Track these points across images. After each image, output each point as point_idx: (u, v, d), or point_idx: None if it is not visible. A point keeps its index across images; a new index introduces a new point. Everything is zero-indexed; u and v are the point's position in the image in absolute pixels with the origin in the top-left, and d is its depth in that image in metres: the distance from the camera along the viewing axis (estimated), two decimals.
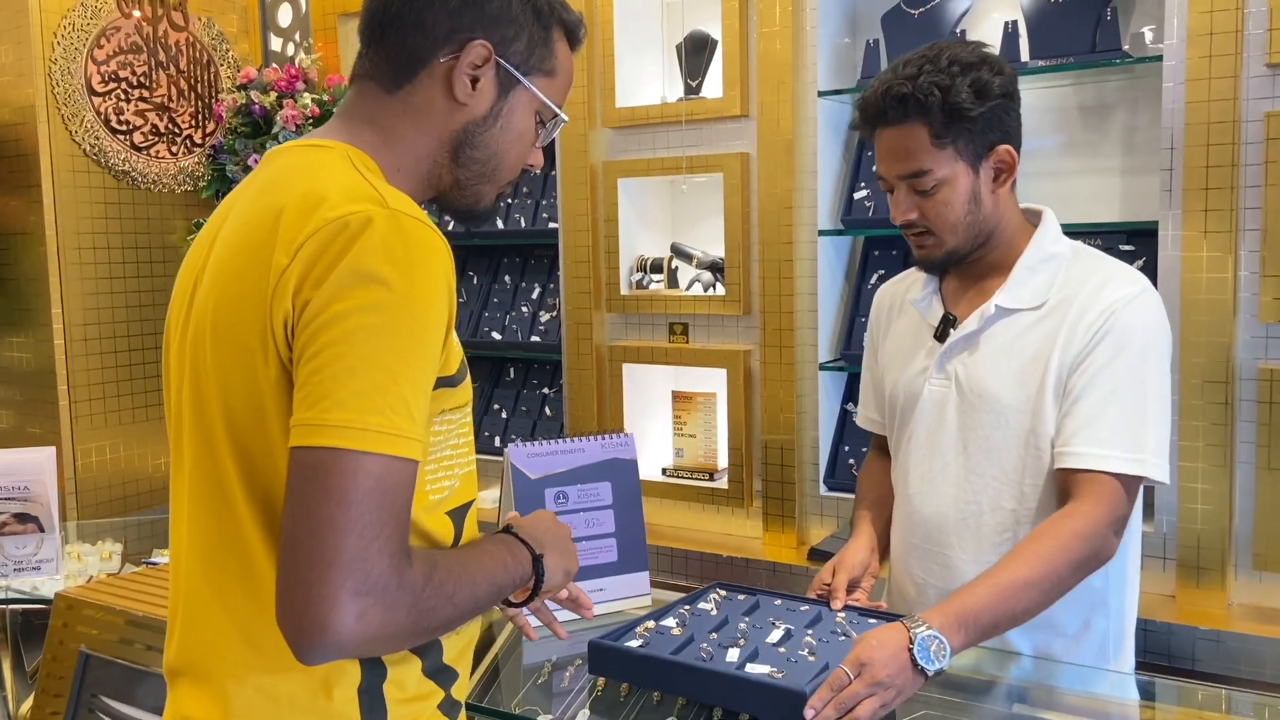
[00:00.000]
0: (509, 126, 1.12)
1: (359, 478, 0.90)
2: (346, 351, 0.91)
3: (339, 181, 1.00)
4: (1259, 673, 2.02)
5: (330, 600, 0.88)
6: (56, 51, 3.07)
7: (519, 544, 1.14)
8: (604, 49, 2.82)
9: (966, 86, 1.43)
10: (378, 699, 1.04)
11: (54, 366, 3.09)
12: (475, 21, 1.08)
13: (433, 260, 0.96)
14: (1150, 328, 1.46)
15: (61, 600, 1.93)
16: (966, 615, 1.32)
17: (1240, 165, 2.07)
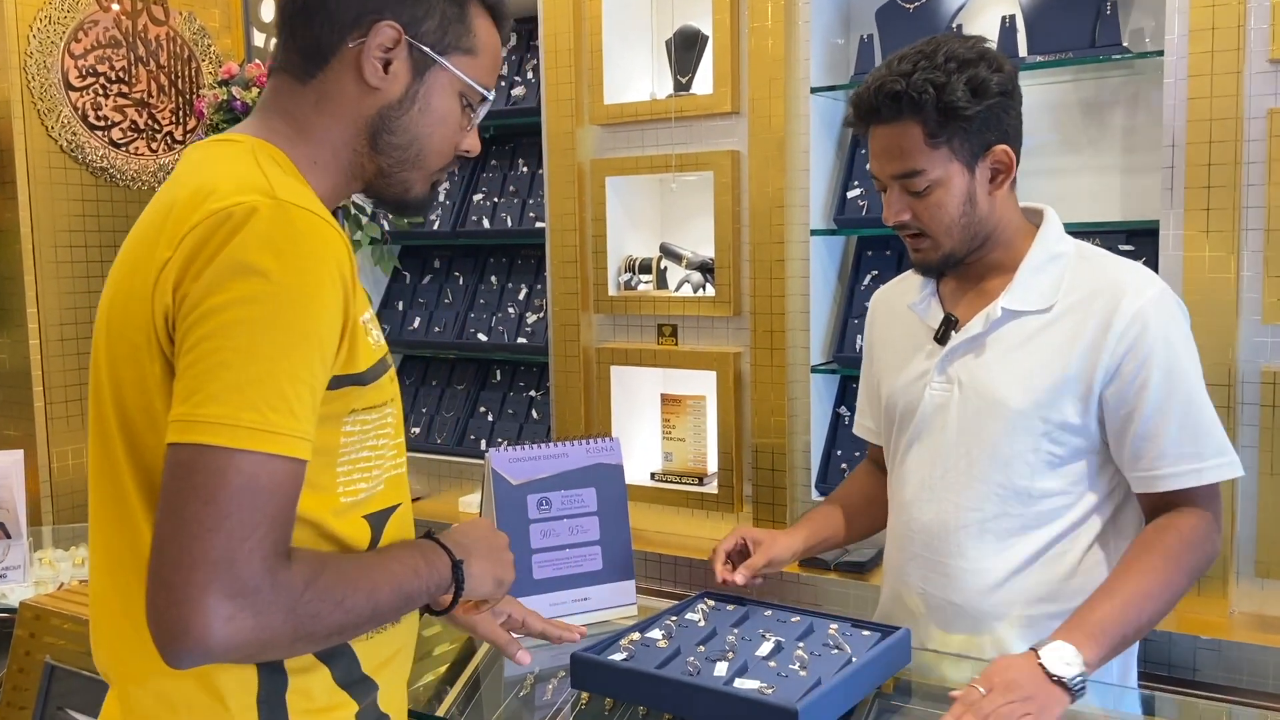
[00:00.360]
0: (428, 109, 1.10)
1: (228, 475, 0.87)
2: (222, 345, 0.88)
3: (232, 174, 0.98)
4: (1261, 683, 1.97)
5: (195, 602, 0.86)
6: (32, 45, 3.00)
7: (437, 549, 1.11)
8: (592, 44, 2.76)
9: (963, 84, 1.39)
10: (279, 709, 1.01)
11: (29, 368, 3.01)
12: (383, 3, 1.06)
13: (321, 252, 0.94)
14: (1181, 326, 1.45)
15: (27, 609, 1.87)
16: (1092, 627, 1.31)
17: (1242, 163, 2.02)
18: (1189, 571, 1.40)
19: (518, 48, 3.13)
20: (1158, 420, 1.41)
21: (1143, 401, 1.41)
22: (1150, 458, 1.42)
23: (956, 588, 1.52)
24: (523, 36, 3.12)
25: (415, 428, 3.27)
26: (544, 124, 2.84)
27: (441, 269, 3.33)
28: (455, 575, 1.11)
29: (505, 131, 3.17)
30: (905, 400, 1.57)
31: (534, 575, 1.67)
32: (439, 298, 3.28)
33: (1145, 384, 1.41)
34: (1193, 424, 1.42)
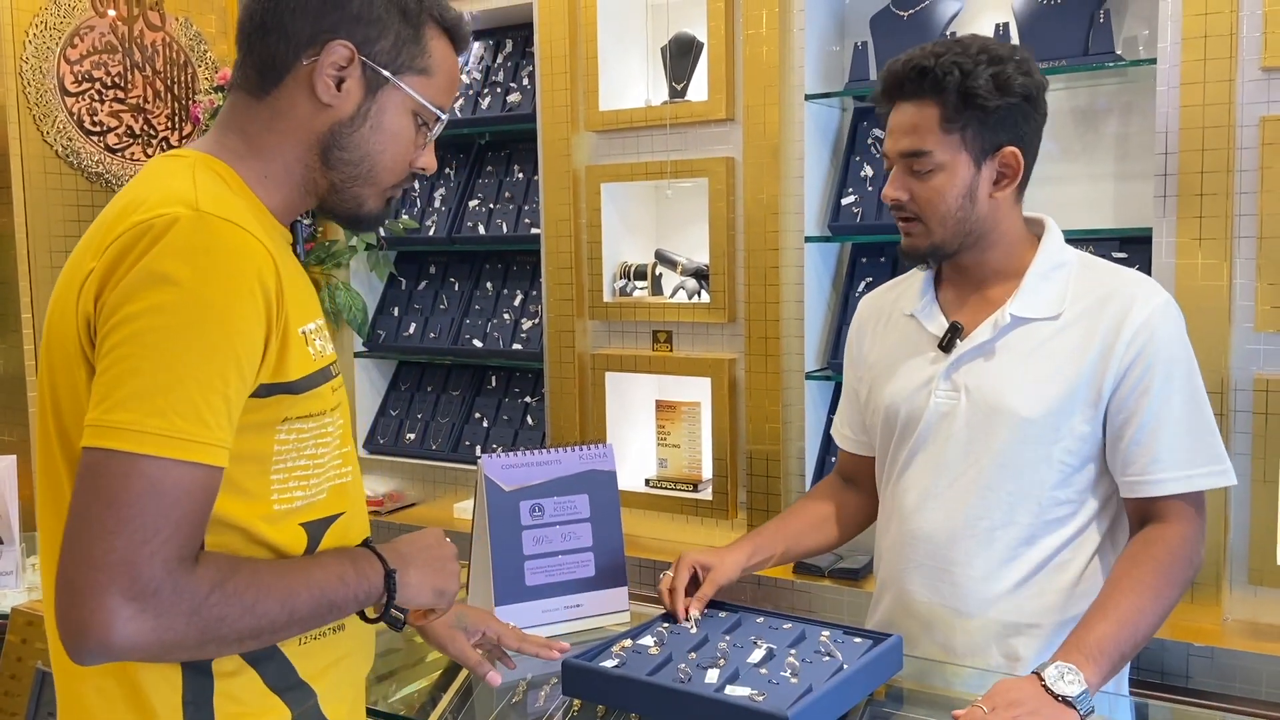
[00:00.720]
0: (380, 126, 1.11)
1: (131, 480, 0.90)
2: (133, 352, 0.91)
3: (164, 187, 1.00)
4: (1254, 690, 1.98)
5: (94, 603, 0.88)
6: (28, 50, 3.00)
7: (370, 557, 1.10)
8: (587, 51, 2.77)
9: (988, 75, 1.40)
10: (205, 711, 1.02)
11: (23, 373, 3.02)
12: (338, 22, 1.08)
13: (239, 262, 0.96)
14: (1181, 336, 1.46)
15: (19, 616, 1.87)
16: (1090, 647, 1.31)
17: (1235, 171, 2.03)
18: (1179, 585, 1.40)
19: (513, 54, 3.13)
20: (1155, 426, 1.41)
21: (1141, 407, 1.42)
22: (1144, 463, 1.42)
23: (962, 596, 1.51)
24: (518, 43, 3.12)
25: (410, 433, 3.27)
26: (539, 130, 2.85)
27: (437, 275, 3.33)
28: (388, 584, 1.10)
29: (501, 138, 3.18)
30: (908, 409, 1.55)
31: (526, 582, 1.67)
32: (434, 304, 3.28)
33: (1147, 390, 1.42)
34: (1189, 431, 1.43)
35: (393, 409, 3.37)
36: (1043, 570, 1.49)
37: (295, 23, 1.08)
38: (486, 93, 3.10)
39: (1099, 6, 2.24)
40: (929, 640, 1.56)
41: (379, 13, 1.09)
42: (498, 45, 3.16)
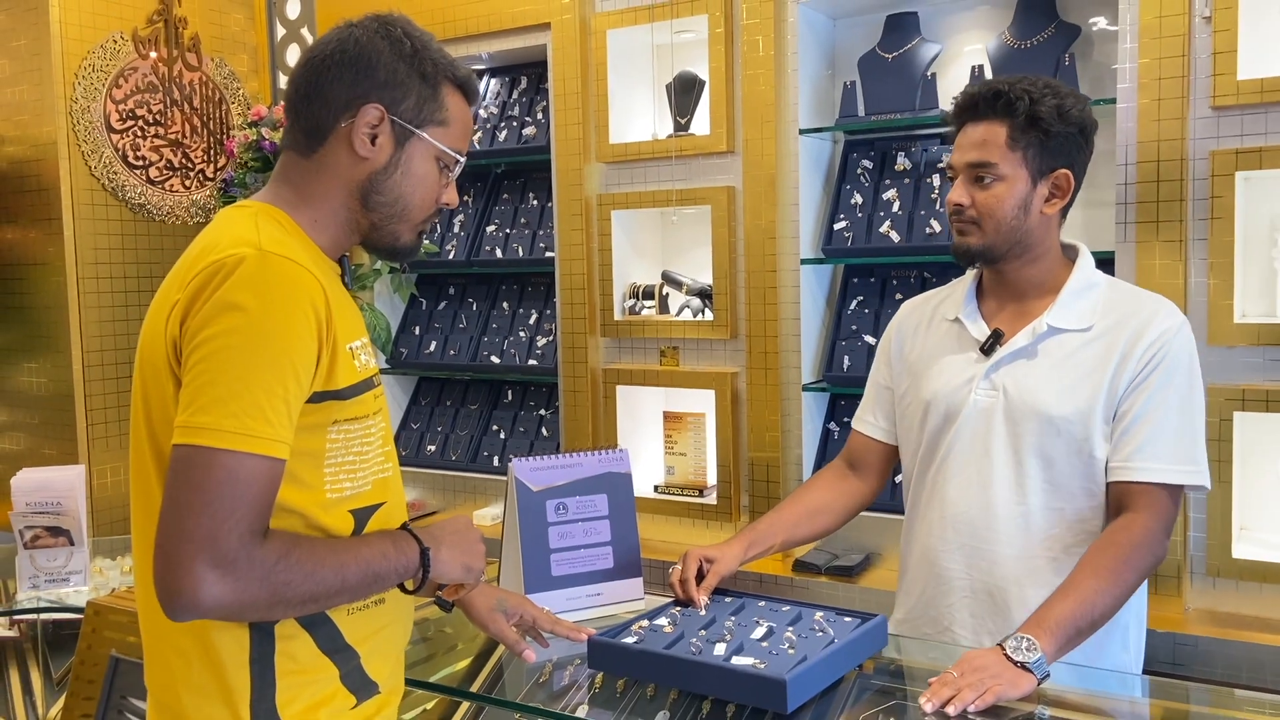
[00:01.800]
0: (409, 172, 1.31)
1: (212, 469, 1.09)
2: (211, 366, 1.11)
3: (233, 232, 1.21)
4: (1210, 672, 2.16)
5: (185, 569, 1.07)
6: (77, 91, 3.22)
7: (408, 537, 1.28)
8: (598, 89, 2.98)
9: (1052, 105, 1.61)
10: (268, 668, 1.21)
11: (72, 391, 3.22)
12: (369, 88, 1.27)
13: (295, 292, 1.15)
14: (1192, 355, 1.65)
15: (92, 607, 2.06)
16: (1050, 623, 1.47)
17: (1189, 200, 2.23)
18: (1139, 571, 1.57)
19: (527, 90, 3.35)
20: (1145, 418, 1.59)
21: (1137, 402, 1.60)
22: (1128, 451, 1.60)
23: (999, 573, 1.69)
24: (533, 80, 3.34)
25: (431, 445, 3.46)
26: (553, 161, 3.06)
27: (456, 295, 3.54)
28: (423, 561, 1.27)
29: (517, 168, 3.39)
30: (949, 403, 1.73)
31: (552, 573, 1.86)
32: (454, 322, 3.48)
33: (1149, 388, 1.60)
34: (1175, 430, 1.59)
35: (414, 422, 3.56)
36: (1072, 552, 1.65)
37: (333, 91, 1.27)
38: (503, 126, 3.31)
39: (1065, 50, 2.46)
40: (964, 614, 1.73)
41: (402, 78, 1.28)
42: (514, 82, 3.38)
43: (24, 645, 2.43)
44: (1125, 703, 1.61)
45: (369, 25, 1.30)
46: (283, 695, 1.21)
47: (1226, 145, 2.20)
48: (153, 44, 3.40)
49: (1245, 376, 2.21)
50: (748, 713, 1.45)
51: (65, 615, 2.27)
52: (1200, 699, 1.65)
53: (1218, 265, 2.20)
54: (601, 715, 1.53)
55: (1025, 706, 1.44)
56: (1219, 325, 2.20)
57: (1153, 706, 1.61)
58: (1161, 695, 1.63)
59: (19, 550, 2.25)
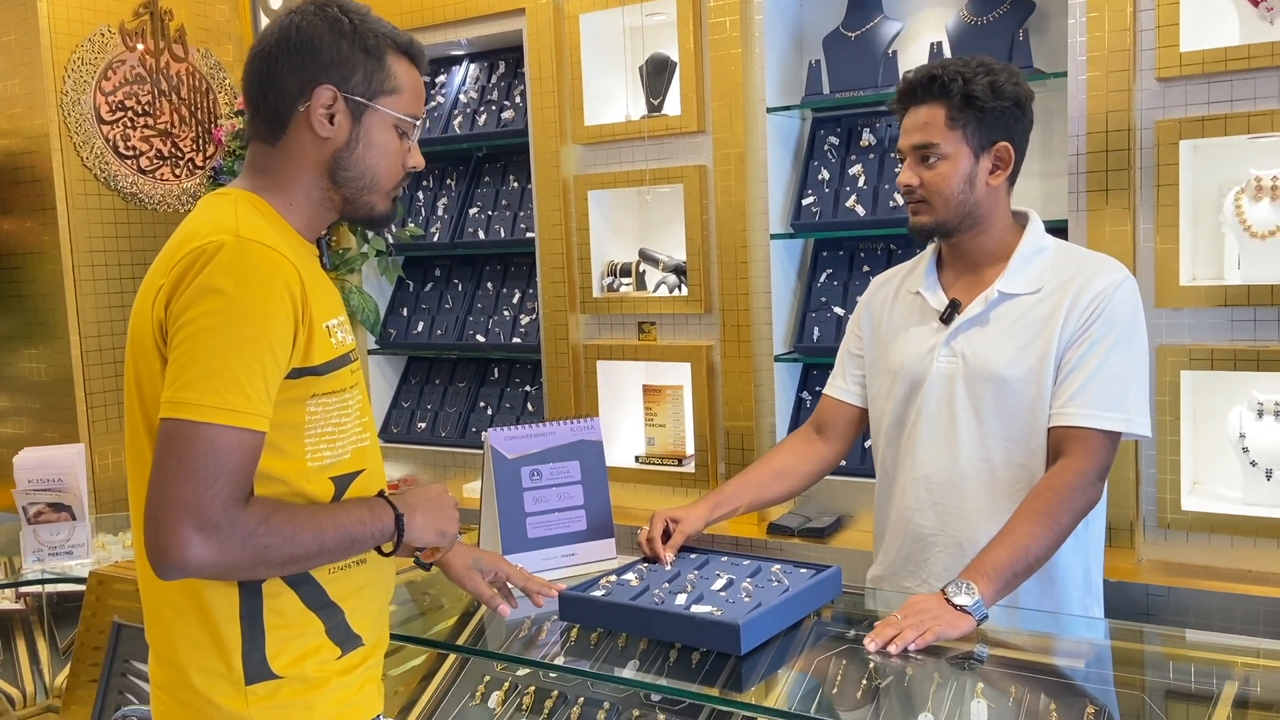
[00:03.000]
0: (370, 144, 1.37)
1: (195, 441, 1.18)
2: (193, 346, 1.20)
3: (212, 219, 1.29)
4: (1163, 619, 2.27)
5: (171, 532, 1.16)
6: (67, 84, 3.30)
7: (383, 504, 1.37)
8: (573, 72, 3.06)
9: (985, 82, 1.71)
10: (257, 623, 1.30)
11: (71, 376, 3.32)
12: (317, 71, 1.33)
13: (270, 275, 1.23)
14: (1135, 309, 1.73)
15: (94, 577, 2.17)
16: (988, 568, 1.57)
17: (1136, 168, 2.32)
18: (1073, 514, 1.66)
19: (505, 75, 3.43)
20: (1084, 367, 1.68)
21: (1078, 353, 1.69)
22: (1065, 397, 1.69)
23: (969, 527, 1.78)
24: (510, 65, 3.42)
25: (421, 422, 3.56)
26: (531, 144, 3.14)
27: (442, 277, 3.63)
28: (398, 525, 1.36)
29: (497, 151, 3.47)
30: (915, 371, 1.81)
31: (528, 535, 1.96)
32: (440, 303, 3.57)
33: (1087, 339, 1.69)
34: (1113, 379, 1.67)
35: (404, 401, 3.66)
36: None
37: (285, 80, 1.33)
38: (483, 110, 3.39)
39: (1019, 26, 2.54)
40: (938, 567, 1.82)
41: (346, 55, 1.33)
42: (492, 67, 3.46)
43: (30, 617, 2.54)
44: (1066, 642, 1.72)
45: (307, 10, 1.35)
46: (272, 647, 1.30)
47: (1171, 115, 2.28)
48: (140, 36, 3.48)
49: (1193, 336, 2.30)
50: (711, 658, 1.55)
51: (69, 587, 2.38)
52: (1152, 640, 1.74)
53: (1164, 230, 2.28)
54: (576, 663, 1.64)
55: (965, 645, 1.55)
56: (1166, 287, 2.29)
57: (1089, 645, 1.72)
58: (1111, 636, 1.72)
59: (23, 526, 2.36)
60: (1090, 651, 1.69)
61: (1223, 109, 2.23)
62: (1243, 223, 2.25)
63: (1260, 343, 2.23)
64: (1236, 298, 2.23)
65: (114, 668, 2.12)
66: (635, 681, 1.57)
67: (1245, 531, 2.26)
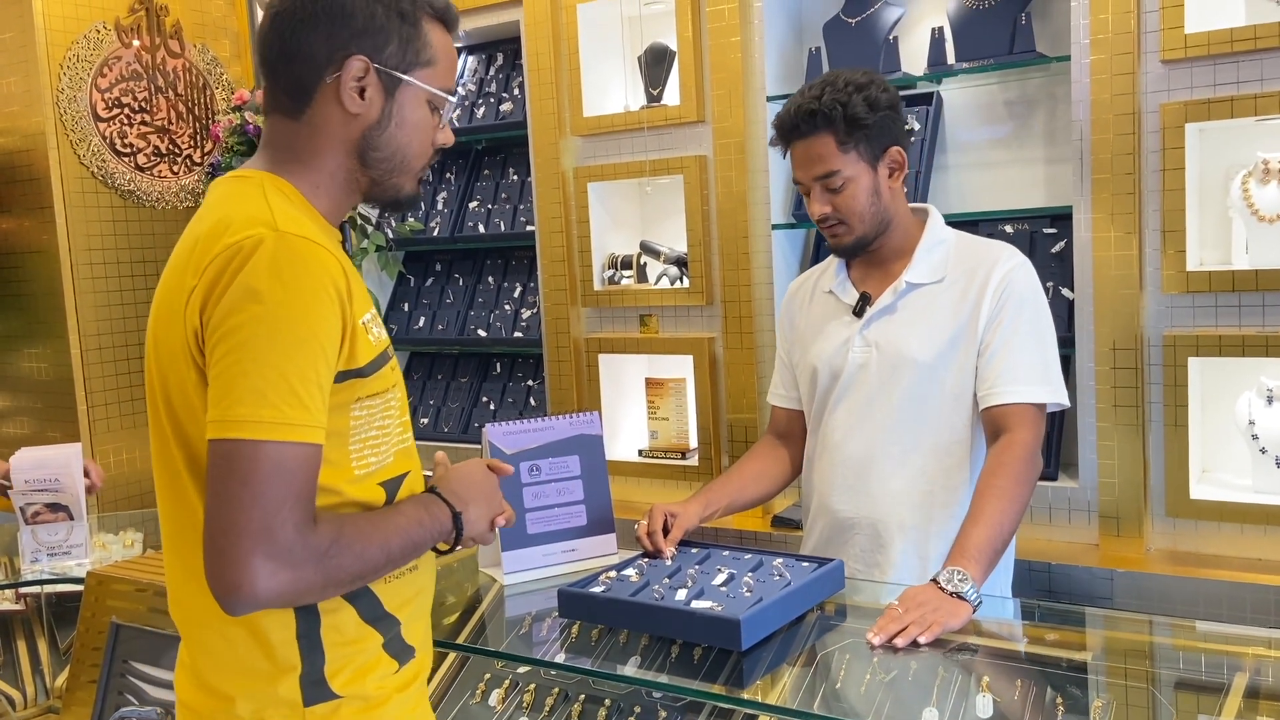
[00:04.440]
0: (404, 121, 1.24)
1: (259, 461, 1.06)
2: (241, 356, 1.08)
3: (243, 209, 1.16)
4: (1171, 609, 2.24)
5: (243, 563, 1.05)
6: (63, 81, 3.29)
7: (438, 502, 1.29)
8: (570, 63, 3.03)
9: (861, 100, 1.75)
10: (315, 642, 1.20)
11: (71, 375, 3.31)
12: (348, 39, 1.20)
13: (316, 271, 1.12)
14: (1035, 288, 1.81)
15: (93, 577, 2.15)
16: (971, 550, 1.61)
17: (1141, 153, 2.29)
18: (1029, 484, 1.72)
19: (504, 67, 3.40)
20: (1004, 348, 1.76)
21: (996, 335, 1.77)
22: (992, 379, 1.77)
23: (883, 510, 1.85)
24: (508, 56, 3.39)
25: (424, 418, 3.55)
26: (530, 136, 3.12)
27: (442, 271, 3.61)
28: (456, 524, 1.29)
29: (496, 144, 3.45)
30: (832, 364, 1.90)
31: (528, 531, 1.94)
32: (441, 298, 3.55)
33: (1002, 321, 1.77)
34: (1031, 357, 1.76)
35: (407, 397, 3.64)
36: (945, 485, 1.82)
37: (311, 46, 1.19)
38: (481, 103, 3.37)
39: (1022, 10, 2.50)
40: (856, 549, 1.88)
41: (381, 21, 1.20)
42: (490, 59, 3.43)
43: (30, 618, 2.53)
44: (1068, 633, 1.69)
45: None
46: (331, 665, 1.21)
47: (1176, 98, 2.25)
48: (135, 32, 3.46)
49: (1200, 322, 2.27)
50: (713, 654, 1.53)
51: (68, 587, 2.36)
52: (1161, 630, 1.72)
53: (1170, 214, 2.25)
54: (577, 661, 1.62)
55: (961, 637, 1.53)
56: (1172, 273, 2.26)
57: (1095, 636, 1.69)
58: (1120, 628, 1.70)
59: (21, 526, 2.35)
60: (1097, 642, 1.67)
61: (1229, 91, 2.20)
62: (1250, 207, 2.21)
63: (1269, 328, 2.20)
64: (1244, 283, 2.19)
65: (113, 668, 2.11)
66: (636, 679, 1.55)
67: (1255, 520, 2.23)
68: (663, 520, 1.87)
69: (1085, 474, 2.40)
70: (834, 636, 1.59)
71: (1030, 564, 2.35)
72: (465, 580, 1.98)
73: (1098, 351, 2.34)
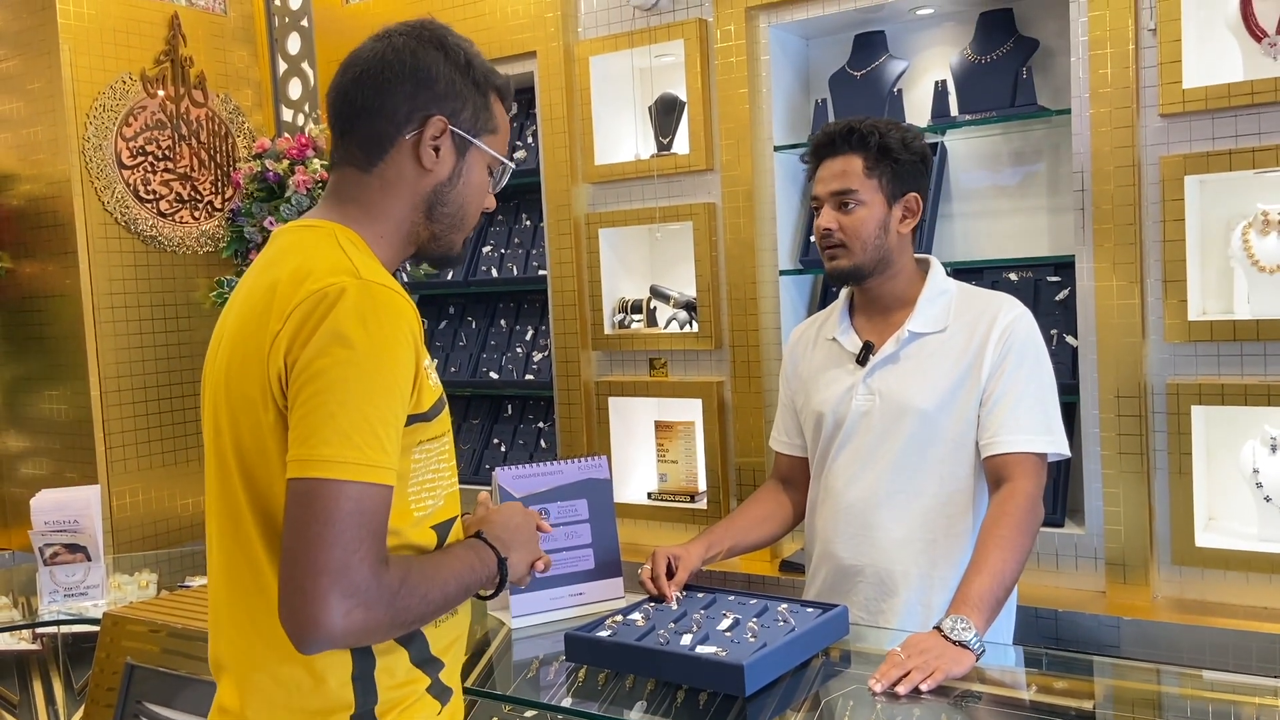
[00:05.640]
0: (469, 182, 1.33)
1: (340, 501, 1.10)
2: (328, 400, 1.12)
3: (323, 258, 1.21)
4: (1177, 656, 2.24)
5: (321, 602, 1.09)
6: (89, 130, 3.38)
7: (485, 547, 1.35)
8: (583, 112, 3.10)
9: (897, 137, 1.84)
10: (370, 684, 1.24)
11: (90, 417, 3.36)
12: (429, 100, 1.28)
13: (398, 320, 1.17)
14: (1035, 338, 1.85)
15: (108, 618, 2.19)
16: (974, 599, 1.63)
17: (1141, 204, 2.33)
18: (1031, 534, 1.74)
19: (518, 116, 3.48)
20: (1007, 398, 1.79)
21: (998, 384, 1.81)
22: (994, 428, 1.80)
23: (883, 555, 1.87)
24: (523, 105, 3.47)
25: None
26: (543, 183, 3.18)
27: (456, 314, 3.66)
28: (501, 569, 1.35)
29: (509, 190, 3.50)
30: (836, 411, 1.93)
31: (535, 573, 1.97)
32: (454, 340, 3.60)
33: (1004, 371, 1.81)
34: (1032, 406, 1.79)
35: None
36: (947, 534, 1.84)
37: (393, 104, 1.27)
38: None
39: (1023, 64, 2.56)
40: (860, 597, 1.89)
41: (459, 89, 1.29)
42: None
43: (46, 658, 2.56)
44: (1072, 681, 1.70)
45: (418, 35, 1.30)
46: (382, 708, 1.25)
47: (1176, 151, 2.29)
48: (160, 83, 3.56)
49: (1202, 371, 2.29)
50: (718, 700, 1.55)
51: (84, 628, 2.40)
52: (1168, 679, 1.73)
53: (1172, 264, 2.28)
54: (583, 705, 1.63)
55: (964, 684, 1.54)
56: (1175, 322, 2.28)
57: (1099, 685, 1.70)
58: (1127, 677, 1.71)
59: (39, 567, 2.39)
60: (1102, 691, 1.68)
61: (1227, 144, 2.24)
62: (1251, 257, 2.24)
63: (1271, 377, 2.22)
64: (1246, 332, 2.22)
65: (127, 708, 2.14)
66: None
67: (1261, 568, 2.23)
68: (666, 564, 1.89)
69: (1091, 521, 2.41)
70: (838, 683, 1.60)
71: (1037, 611, 2.36)
72: (473, 623, 1.99)
73: (1102, 399, 2.37)
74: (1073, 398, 2.40)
